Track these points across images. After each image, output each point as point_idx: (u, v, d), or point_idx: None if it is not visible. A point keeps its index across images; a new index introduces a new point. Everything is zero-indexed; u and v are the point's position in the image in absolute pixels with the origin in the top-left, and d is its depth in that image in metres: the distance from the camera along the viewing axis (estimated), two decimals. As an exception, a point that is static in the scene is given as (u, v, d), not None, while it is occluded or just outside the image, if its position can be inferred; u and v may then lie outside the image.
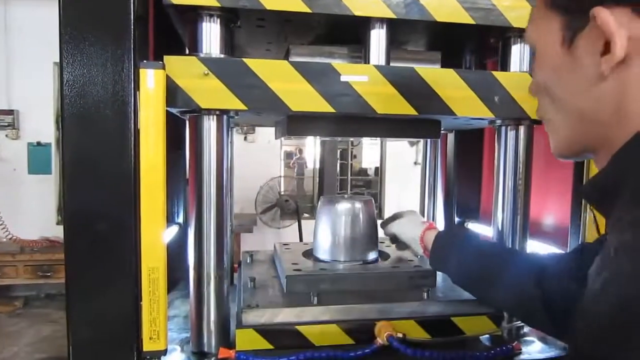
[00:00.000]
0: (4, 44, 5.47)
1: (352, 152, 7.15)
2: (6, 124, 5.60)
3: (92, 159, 0.97)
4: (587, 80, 0.58)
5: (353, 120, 1.26)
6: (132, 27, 0.93)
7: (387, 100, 1.13)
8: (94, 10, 0.93)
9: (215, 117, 1.11)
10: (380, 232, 1.50)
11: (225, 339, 1.16)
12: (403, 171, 7.07)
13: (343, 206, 1.44)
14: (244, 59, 1.07)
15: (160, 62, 0.98)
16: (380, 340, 1.13)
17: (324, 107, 1.10)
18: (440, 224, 1.87)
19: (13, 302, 5.19)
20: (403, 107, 1.14)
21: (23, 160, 5.67)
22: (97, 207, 0.98)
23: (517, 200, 1.29)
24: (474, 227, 1.92)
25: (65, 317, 0.97)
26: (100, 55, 0.93)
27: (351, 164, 7.24)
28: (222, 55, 1.11)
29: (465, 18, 1.16)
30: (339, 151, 6.73)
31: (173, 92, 1.03)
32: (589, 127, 0.60)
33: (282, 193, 5.59)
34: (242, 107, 1.07)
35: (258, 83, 1.07)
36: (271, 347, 1.14)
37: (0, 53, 5.47)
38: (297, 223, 5.33)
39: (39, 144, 5.70)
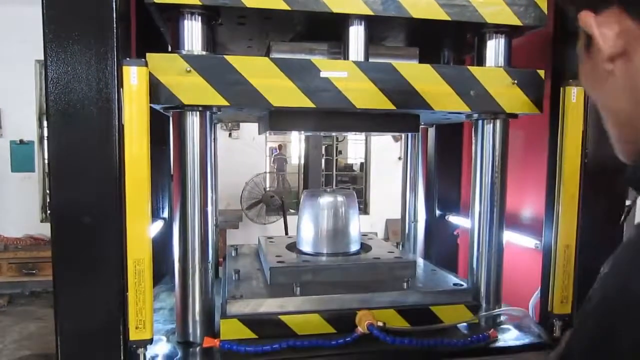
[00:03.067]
0: (-15, 42, 5.41)
1: (337, 148, 7.18)
2: (-12, 122, 5.55)
3: (78, 155, 0.99)
4: (602, 79, 0.60)
5: (334, 115, 1.29)
6: (115, 25, 0.95)
7: (365, 95, 1.16)
8: (77, 8, 0.95)
9: (198, 113, 1.14)
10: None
11: (210, 329, 1.18)
12: (388, 166, 7.12)
13: (325, 200, 1.47)
14: (226, 56, 1.10)
15: (143, 60, 1.00)
16: (361, 329, 1.17)
17: (305, 102, 1.13)
18: (422, 217, 1.91)
19: (-3, 300, 5.16)
20: (381, 102, 1.17)
21: (6, 159, 5.62)
22: (83, 201, 1.00)
23: (493, 192, 1.33)
24: (454, 219, 1.96)
25: (53, 308, 0.99)
26: (84, 53, 0.95)
27: (336, 160, 7.28)
28: (204, 53, 1.13)
29: (441, 14, 1.19)
30: (323, 147, 6.77)
31: (156, 89, 1.05)
32: (626, 124, 0.61)
33: (268, 189, 5.60)
34: (224, 103, 1.10)
35: (240, 79, 1.10)
36: (255, 336, 1.17)
37: (-19, 51, 5.41)
38: (282, 219, 5.36)
39: (21, 141, 5.65)
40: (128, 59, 0.99)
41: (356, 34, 1.22)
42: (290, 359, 1.13)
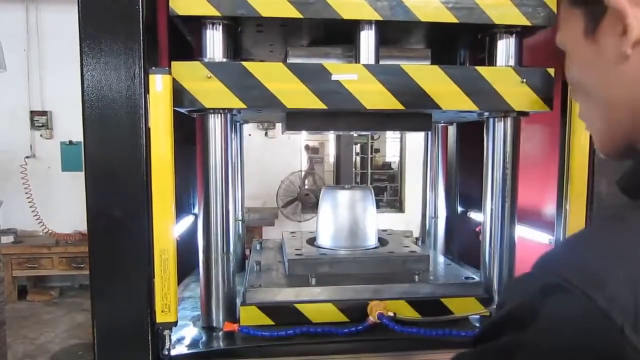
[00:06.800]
0: (37, 48, 5.73)
1: (372, 146, 7.20)
2: (41, 125, 5.87)
3: (110, 156, 1.10)
4: (612, 64, 0.58)
5: (347, 115, 1.35)
6: (141, 39, 1.06)
7: (375, 96, 1.23)
8: (108, 26, 1.06)
9: (219, 115, 1.23)
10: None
11: (232, 315, 1.28)
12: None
13: (342, 196, 1.54)
14: (243, 62, 1.19)
15: (167, 69, 1.10)
16: (372, 318, 1.23)
17: (317, 104, 1.20)
18: (442, 214, 1.95)
19: (49, 292, 5.46)
20: (391, 103, 1.23)
21: (57, 159, 5.92)
22: (115, 198, 1.11)
23: (505, 188, 1.36)
24: (476, 216, 1.99)
25: (90, 295, 1.10)
26: (114, 65, 1.06)
27: (372, 158, 7.29)
28: (224, 60, 1.22)
29: (449, 17, 1.24)
30: (359, 145, 6.80)
31: (180, 94, 1.15)
32: (623, 116, 0.59)
33: (304, 187, 5.69)
34: (242, 105, 1.18)
35: (256, 84, 1.18)
36: (272, 322, 1.26)
37: (34, 57, 5.73)
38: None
39: (70, 142, 5.94)
40: (153, 68, 1.09)
41: (367, 38, 1.28)
42: (303, 344, 1.21)
